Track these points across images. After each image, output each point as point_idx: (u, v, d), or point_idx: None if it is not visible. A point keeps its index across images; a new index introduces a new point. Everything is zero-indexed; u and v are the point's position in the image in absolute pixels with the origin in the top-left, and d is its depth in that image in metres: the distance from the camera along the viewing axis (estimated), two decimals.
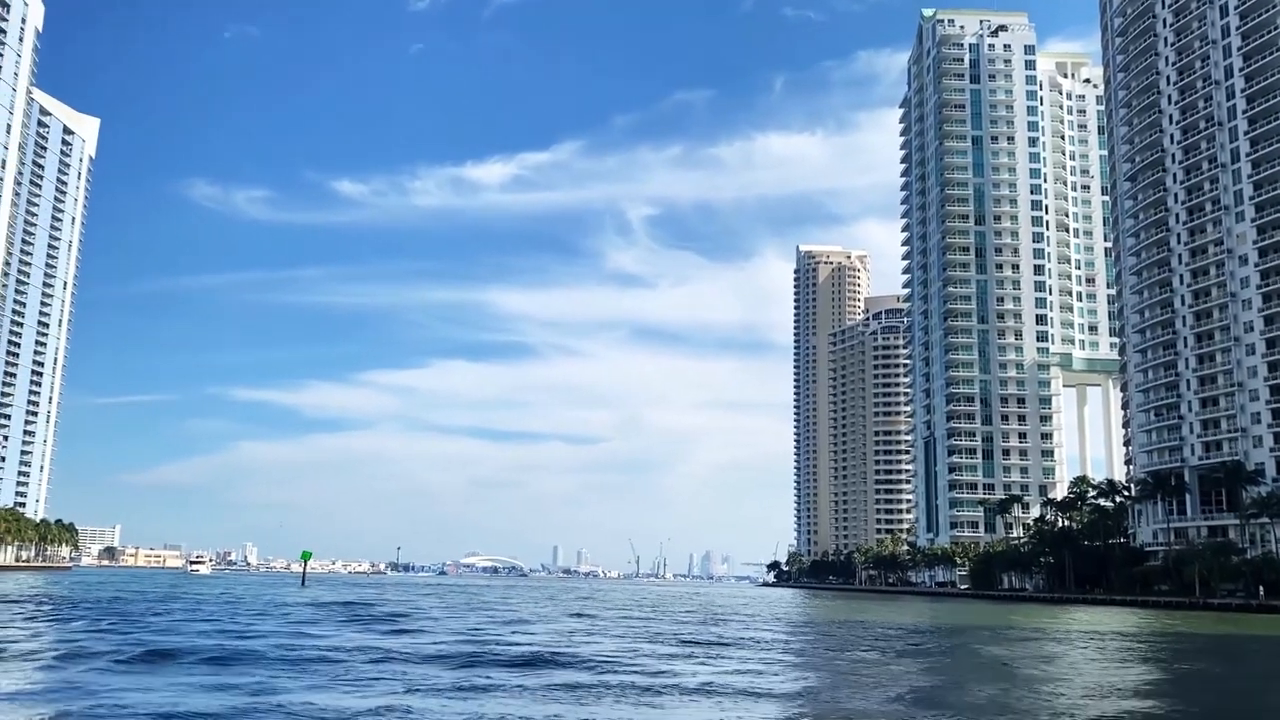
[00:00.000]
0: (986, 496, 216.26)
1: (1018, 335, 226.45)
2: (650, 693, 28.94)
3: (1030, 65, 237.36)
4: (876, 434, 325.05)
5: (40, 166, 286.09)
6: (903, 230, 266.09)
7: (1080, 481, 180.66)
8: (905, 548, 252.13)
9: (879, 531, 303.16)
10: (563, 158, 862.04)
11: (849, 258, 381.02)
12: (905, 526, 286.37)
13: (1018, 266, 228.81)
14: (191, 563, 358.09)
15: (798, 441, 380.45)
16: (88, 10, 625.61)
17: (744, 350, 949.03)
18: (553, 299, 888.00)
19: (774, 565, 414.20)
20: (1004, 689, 32.08)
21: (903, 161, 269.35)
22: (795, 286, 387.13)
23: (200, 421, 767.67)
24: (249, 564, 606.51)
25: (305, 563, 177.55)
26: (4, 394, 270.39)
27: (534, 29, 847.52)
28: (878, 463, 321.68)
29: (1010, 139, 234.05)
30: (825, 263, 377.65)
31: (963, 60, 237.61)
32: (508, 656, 38.66)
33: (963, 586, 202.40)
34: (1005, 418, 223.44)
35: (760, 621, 77.48)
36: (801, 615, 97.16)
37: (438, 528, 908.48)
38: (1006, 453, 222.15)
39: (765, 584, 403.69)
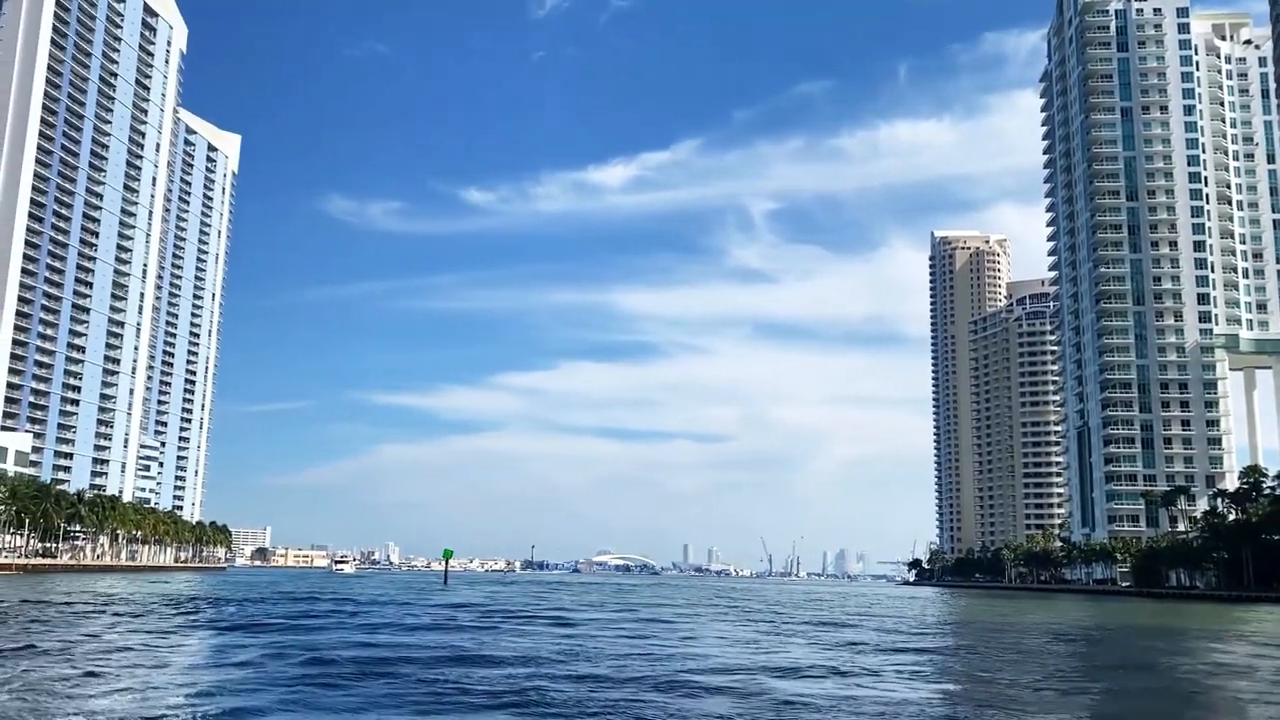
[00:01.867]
0: (1148, 489, 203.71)
1: (1177, 316, 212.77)
2: None
3: (1183, 29, 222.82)
4: (1023, 425, 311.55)
5: (188, 183, 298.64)
6: (1047, 210, 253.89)
7: (1253, 471, 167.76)
8: (1059, 544, 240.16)
9: (1028, 527, 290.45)
10: (683, 156, 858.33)
11: (987, 242, 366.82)
12: (1057, 521, 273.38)
13: (1175, 243, 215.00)
14: (336, 562, 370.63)
15: (938, 435, 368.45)
16: (225, 31, 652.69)
17: (873, 344, 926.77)
18: (676, 298, 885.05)
19: (915, 563, 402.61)
20: None
21: (1045, 138, 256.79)
22: (931, 274, 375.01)
23: (342, 425, 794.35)
24: (391, 562, 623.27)
25: (446, 561, 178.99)
26: (160, 401, 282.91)
27: (651, 30, 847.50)
28: (1025, 455, 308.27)
29: (1163, 108, 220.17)
30: (962, 248, 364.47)
31: (1108, 28, 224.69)
32: (731, 674, 34.10)
33: (1124, 584, 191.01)
34: (1166, 404, 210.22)
35: (933, 624, 72.30)
36: (974, 618, 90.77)
37: (569, 526, 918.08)
38: (1168, 441, 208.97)
39: (906, 583, 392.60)
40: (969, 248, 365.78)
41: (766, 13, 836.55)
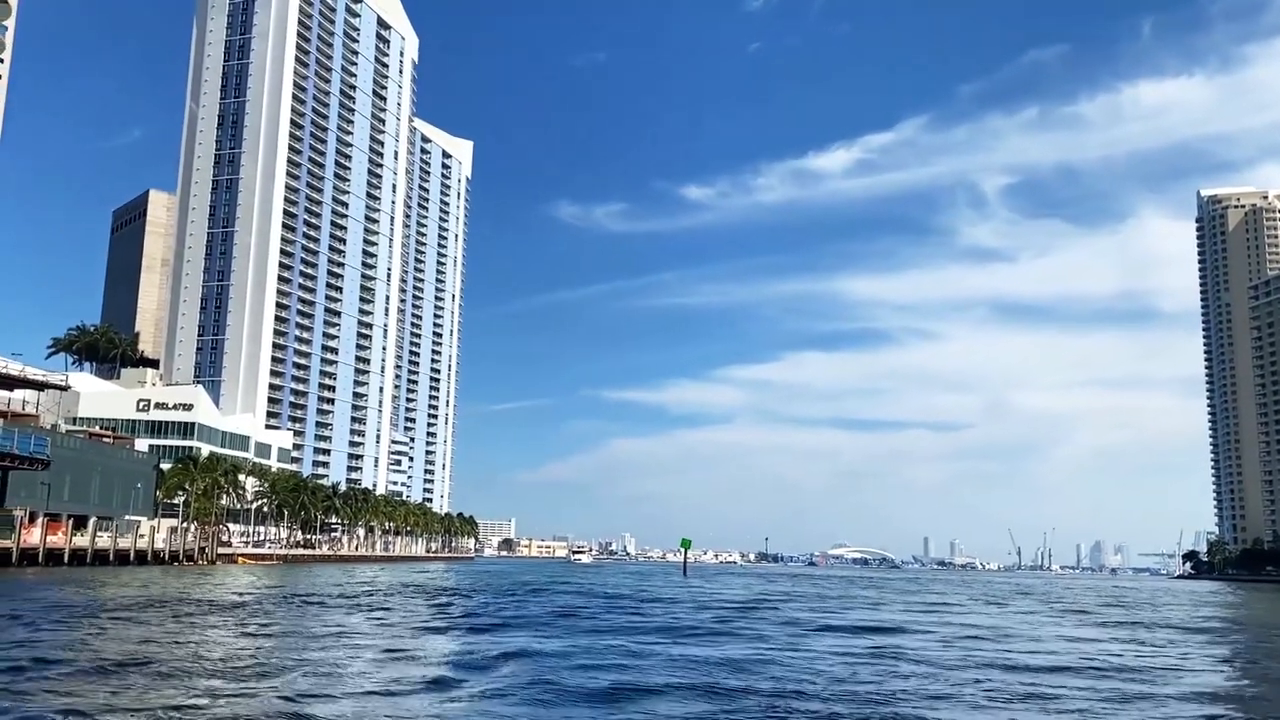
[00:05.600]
0: None
1: None
2: None
3: None
4: None
5: (425, 190, 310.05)
6: None
7: None
8: None
9: None
10: (907, 135, 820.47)
11: (1265, 198, 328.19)
12: None
13: None
14: (574, 553, 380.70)
15: (1213, 414, 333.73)
16: (452, 41, 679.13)
17: (1123, 321, 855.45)
18: (904, 282, 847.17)
19: (1190, 555, 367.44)
20: None
21: None
22: (1199, 238, 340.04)
23: (577, 422, 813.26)
24: (629, 553, 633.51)
25: (685, 551, 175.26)
26: (409, 400, 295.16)
27: (869, 11, 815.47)
28: None
29: None
30: (1235, 207, 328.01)
31: None
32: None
33: None
34: None
35: None
36: None
37: (801, 518, 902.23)
38: None
39: (1182, 576, 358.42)
40: (1243, 206, 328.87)
41: None
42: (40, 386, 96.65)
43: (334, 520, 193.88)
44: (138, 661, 26.02)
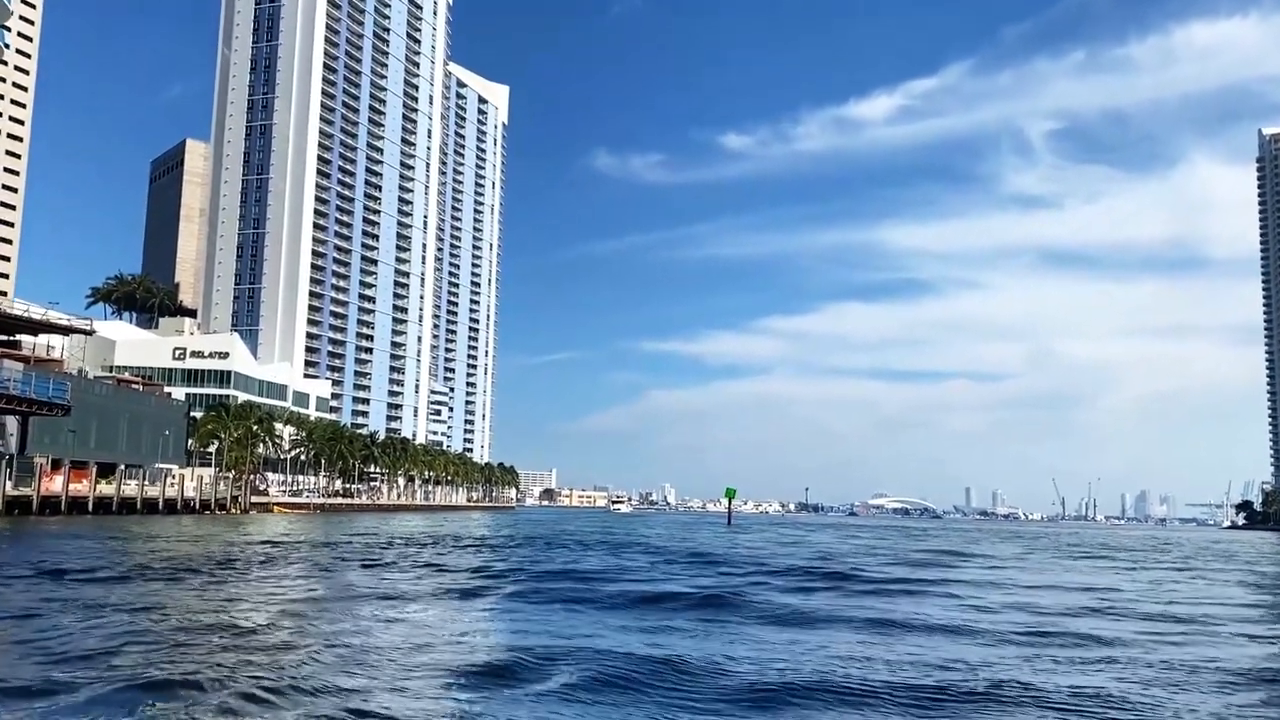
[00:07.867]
0: None
1: None
2: None
3: None
4: None
5: (461, 136, 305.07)
6: None
7: None
8: None
9: None
10: (951, 81, 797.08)
11: None
12: None
13: None
14: (613, 502, 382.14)
15: (1271, 361, 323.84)
16: None
17: (1171, 269, 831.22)
18: (947, 231, 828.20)
19: (1244, 505, 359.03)
20: None
21: None
22: (1259, 179, 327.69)
23: (615, 374, 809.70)
24: (669, 504, 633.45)
25: (730, 501, 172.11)
26: (448, 349, 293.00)
27: None
28: None
29: None
30: None
31: None
32: None
33: None
34: None
35: None
36: None
37: (841, 468, 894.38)
38: None
39: (1232, 526, 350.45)
40: None
41: None
42: (65, 331, 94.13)
43: (373, 469, 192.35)
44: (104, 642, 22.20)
